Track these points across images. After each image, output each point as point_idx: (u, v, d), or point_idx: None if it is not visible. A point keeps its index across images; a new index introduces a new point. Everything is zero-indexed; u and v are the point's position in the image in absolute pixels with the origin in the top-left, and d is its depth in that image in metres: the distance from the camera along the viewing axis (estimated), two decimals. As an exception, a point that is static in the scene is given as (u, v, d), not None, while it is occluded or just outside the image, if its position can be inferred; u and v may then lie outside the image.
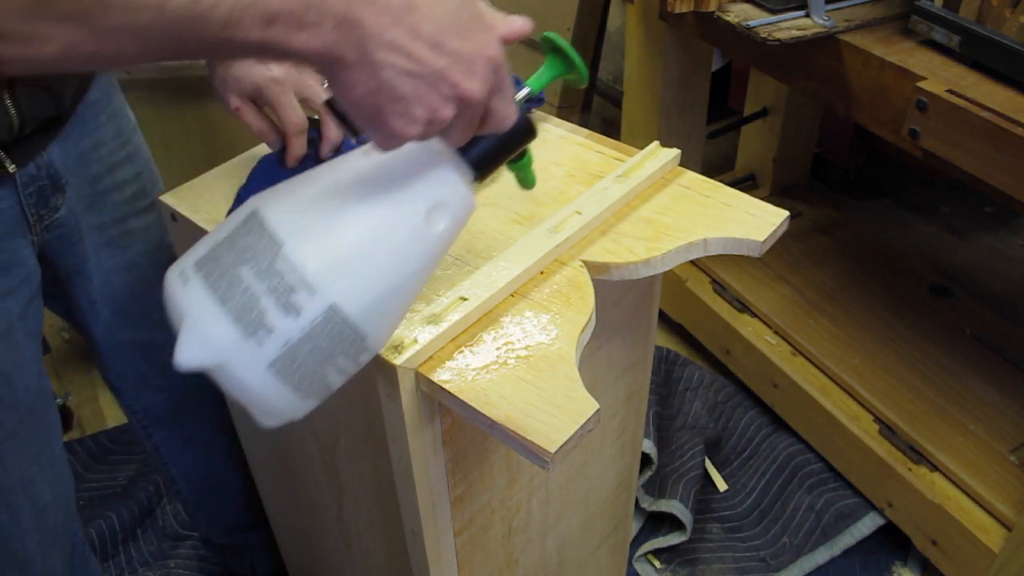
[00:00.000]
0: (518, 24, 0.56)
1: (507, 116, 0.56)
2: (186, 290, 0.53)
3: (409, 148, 0.55)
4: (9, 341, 0.81)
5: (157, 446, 1.13)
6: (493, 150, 0.58)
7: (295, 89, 0.79)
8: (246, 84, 0.79)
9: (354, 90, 0.50)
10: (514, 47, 0.56)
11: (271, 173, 0.84)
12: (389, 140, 0.53)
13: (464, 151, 0.57)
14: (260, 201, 0.55)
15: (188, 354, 0.52)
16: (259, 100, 0.80)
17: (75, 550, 0.97)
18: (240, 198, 0.83)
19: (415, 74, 0.50)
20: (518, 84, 0.61)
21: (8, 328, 0.81)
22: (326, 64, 0.49)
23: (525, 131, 0.59)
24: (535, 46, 0.65)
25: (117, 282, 0.95)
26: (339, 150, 0.84)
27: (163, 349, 1.02)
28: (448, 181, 0.56)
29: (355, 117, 0.52)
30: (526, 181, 0.70)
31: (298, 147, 0.81)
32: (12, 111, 0.73)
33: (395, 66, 0.49)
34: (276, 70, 0.79)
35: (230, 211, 0.82)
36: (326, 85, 0.80)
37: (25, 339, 0.83)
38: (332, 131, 0.82)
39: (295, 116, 0.79)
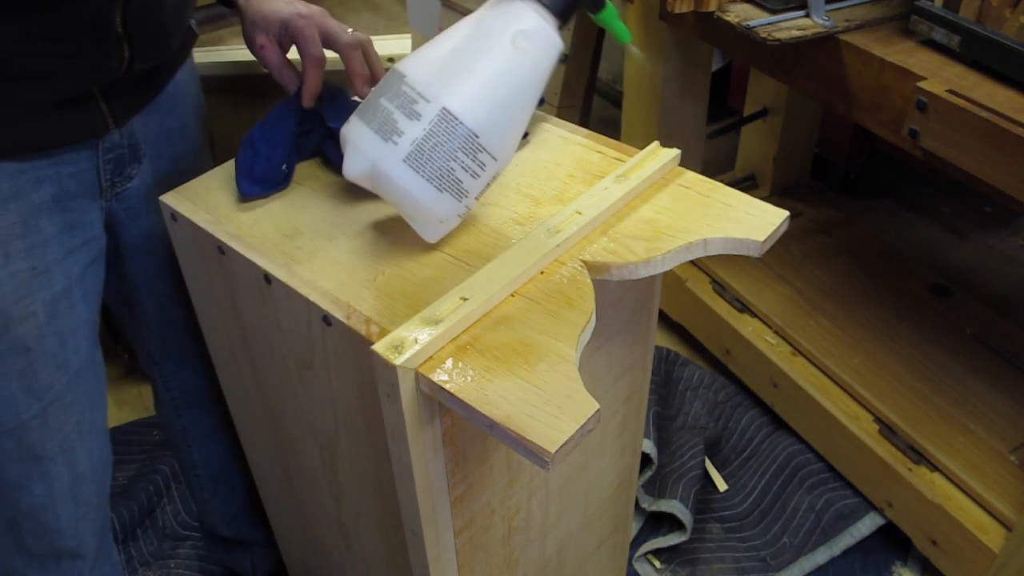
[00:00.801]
0: None
1: None
2: (349, 126, 0.72)
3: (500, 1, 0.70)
4: (67, 300, 0.83)
5: (185, 428, 1.14)
6: None
7: (319, 28, 0.83)
8: (274, 22, 0.84)
9: None
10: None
11: (286, 114, 0.86)
12: None
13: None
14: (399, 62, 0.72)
15: (351, 166, 0.72)
16: (284, 36, 0.84)
17: (104, 531, 0.98)
18: (252, 138, 0.85)
19: None
20: None
21: (67, 287, 0.82)
22: None
23: None
24: None
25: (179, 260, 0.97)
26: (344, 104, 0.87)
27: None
28: (527, 14, 0.69)
29: None
30: (618, 32, 0.82)
31: (314, 82, 0.84)
32: (124, 41, 0.76)
33: None
34: (302, 7, 0.84)
35: (237, 156, 0.85)
36: (351, 30, 0.85)
37: (82, 301, 0.85)
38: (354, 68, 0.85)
39: (315, 50, 0.83)
